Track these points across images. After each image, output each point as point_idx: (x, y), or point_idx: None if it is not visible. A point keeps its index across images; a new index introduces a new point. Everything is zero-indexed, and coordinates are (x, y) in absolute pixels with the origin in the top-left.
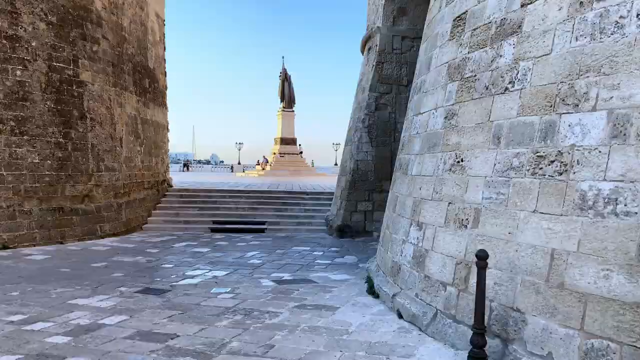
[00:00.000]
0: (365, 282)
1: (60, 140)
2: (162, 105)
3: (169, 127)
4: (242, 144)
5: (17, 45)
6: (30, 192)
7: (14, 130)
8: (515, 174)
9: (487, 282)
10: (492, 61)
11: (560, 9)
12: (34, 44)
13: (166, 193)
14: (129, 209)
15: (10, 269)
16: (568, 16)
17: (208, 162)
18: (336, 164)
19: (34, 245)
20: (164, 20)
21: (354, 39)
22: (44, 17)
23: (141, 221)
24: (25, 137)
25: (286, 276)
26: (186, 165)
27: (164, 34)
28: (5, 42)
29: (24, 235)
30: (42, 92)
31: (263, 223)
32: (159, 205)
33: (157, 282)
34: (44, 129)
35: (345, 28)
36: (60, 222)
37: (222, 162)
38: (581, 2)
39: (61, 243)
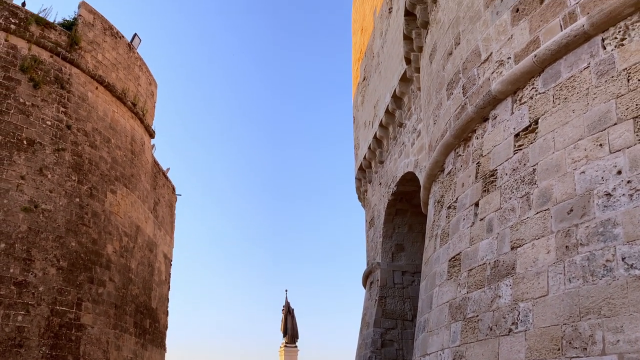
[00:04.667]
0: None
1: None
2: (161, 346)
3: None
4: None
5: (24, 290)
6: None
7: None
8: None
9: None
10: (492, 301)
11: (548, 252)
12: (41, 288)
13: None
14: None
15: None
16: (557, 259)
17: None
18: None
19: None
20: (171, 261)
21: (356, 269)
22: (56, 262)
23: None
24: None
25: None
26: None
27: (170, 273)
28: (13, 287)
29: None
30: (40, 338)
31: None
32: None
33: None
34: None
35: (348, 260)
36: None
37: None
38: (567, 247)
39: None
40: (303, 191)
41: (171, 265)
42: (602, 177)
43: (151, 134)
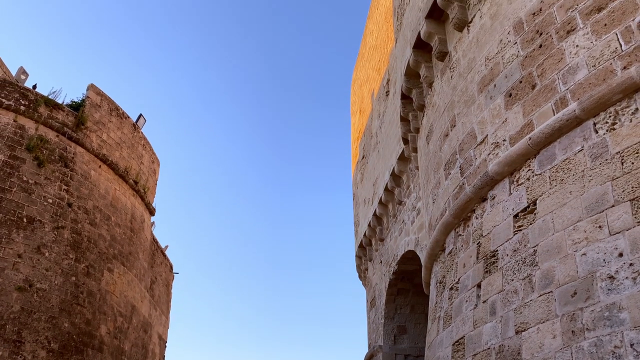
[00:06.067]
0: None
1: None
2: None
3: None
4: None
5: None
6: None
7: None
8: None
9: None
10: None
11: (554, 337)
12: None
13: None
14: None
15: None
16: (564, 344)
17: None
18: None
19: None
20: (166, 342)
21: (358, 353)
22: (47, 344)
23: None
24: None
25: None
26: None
27: (164, 355)
28: None
29: None
30: None
31: None
32: None
33: None
34: None
35: (349, 343)
36: None
37: None
38: (573, 331)
39: None
40: (302, 272)
41: (166, 346)
42: (604, 260)
43: (151, 212)
